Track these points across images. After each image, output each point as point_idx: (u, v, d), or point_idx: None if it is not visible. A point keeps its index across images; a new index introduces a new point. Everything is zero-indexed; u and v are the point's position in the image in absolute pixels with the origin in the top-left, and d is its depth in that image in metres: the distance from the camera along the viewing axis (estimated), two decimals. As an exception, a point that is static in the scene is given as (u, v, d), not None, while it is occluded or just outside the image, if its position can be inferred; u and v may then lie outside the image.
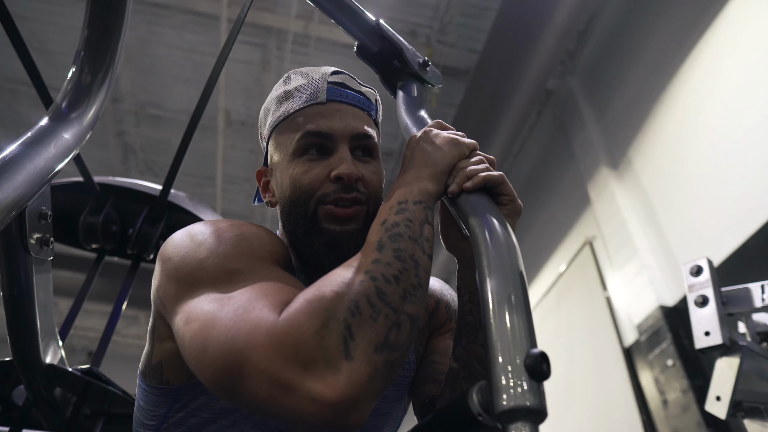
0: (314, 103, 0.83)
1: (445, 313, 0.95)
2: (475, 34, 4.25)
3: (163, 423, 0.77)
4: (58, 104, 0.83)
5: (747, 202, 2.67)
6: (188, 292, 0.63)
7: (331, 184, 0.78)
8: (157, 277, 0.70)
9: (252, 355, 0.50)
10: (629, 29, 3.90)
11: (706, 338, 1.30)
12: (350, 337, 0.50)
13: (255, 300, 0.56)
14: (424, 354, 0.91)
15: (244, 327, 0.52)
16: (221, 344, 0.52)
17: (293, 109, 0.84)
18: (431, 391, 0.83)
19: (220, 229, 0.71)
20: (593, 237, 3.91)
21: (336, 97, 0.84)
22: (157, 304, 0.70)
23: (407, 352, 0.55)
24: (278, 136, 0.85)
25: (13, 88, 4.71)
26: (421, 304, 0.59)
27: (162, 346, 0.75)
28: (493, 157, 0.75)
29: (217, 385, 0.53)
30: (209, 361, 0.53)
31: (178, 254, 0.69)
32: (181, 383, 0.74)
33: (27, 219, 0.84)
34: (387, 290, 0.55)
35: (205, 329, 0.56)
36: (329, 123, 0.81)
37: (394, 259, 0.58)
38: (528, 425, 0.44)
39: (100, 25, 0.86)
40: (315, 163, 0.80)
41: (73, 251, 2.21)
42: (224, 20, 4.09)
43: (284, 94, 0.87)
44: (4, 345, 1.08)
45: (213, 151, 5.24)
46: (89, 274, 1.70)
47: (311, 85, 0.85)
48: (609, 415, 3.36)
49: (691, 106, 3.19)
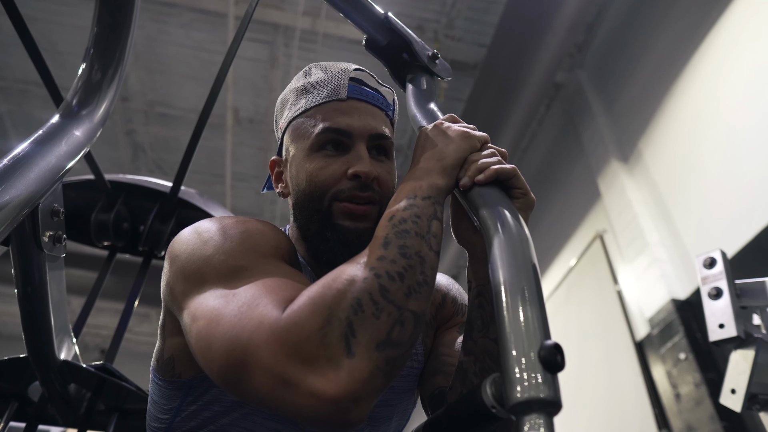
0: (334, 99, 0.83)
1: (452, 307, 0.96)
2: (482, 28, 4.22)
3: (176, 416, 0.77)
4: (68, 102, 0.84)
5: (759, 194, 2.64)
6: (195, 288, 0.64)
7: (347, 181, 0.79)
8: (166, 275, 0.72)
9: (255, 351, 0.51)
10: (638, 21, 3.87)
11: (721, 331, 1.29)
12: (352, 334, 0.51)
13: (259, 296, 0.57)
14: (432, 347, 0.92)
15: (249, 323, 0.54)
16: (226, 340, 0.54)
17: (313, 103, 0.84)
18: (440, 382, 0.83)
19: (226, 226, 0.73)
20: (604, 231, 3.88)
21: (356, 95, 0.84)
22: (167, 300, 0.72)
23: (411, 348, 0.56)
24: (296, 128, 0.86)
25: (24, 88, 4.75)
26: (426, 301, 0.59)
27: (173, 341, 0.76)
28: (504, 150, 0.75)
29: (223, 379, 0.55)
30: (215, 356, 0.55)
31: (185, 252, 0.70)
32: (192, 376, 0.75)
33: (40, 216, 0.84)
34: (391, 288, 0.55)
35: (211, 326, 0.57)
36: (348, 120, 0.81)
37: (399, 256, 0.59)
38: (542, 417, 0.44)
39: (110, 21, 0.86)
40: (332, 159, 0.80)
41: (85, 249, 2.23)
42: (232, 18, 4.09)
43: (304, 87, 0.87)
44: (18, 342, 1.09)
45: (222, 149, 5.26)
46: (101, 272, 1.71)
47: (332, 80, 0.85)
48: (621, 409, 3.35)
49: (702, 98, 3.16)
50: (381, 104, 0.87)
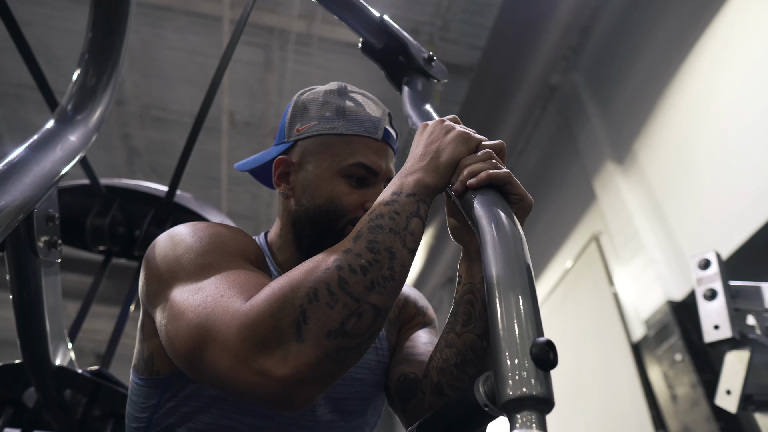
0: (371, 137, 0.88)
1: (414, 309, 1.01)
2: (477, 30, 4.24)
3: (154, 414, 0.79)
4: (63, 107, 0.84)
5: (753, 196, 2.65)
6: (167, 286, 0.68)
7: (362, 211, 0.84)
8: (142, 277, 0.76)
9: (217, 335, 0.56)
10: (633, 23, 3.88)
11: (716, 332, 1.29)
12: (303, 321, 0.55)
13: (224, 289, 0.61)
14: (396, 343, 0.96)
15: (212, 312, 0.58)
16: (192, 327, 0.58)
17: (351, 131, 0.88)
18: (405, 369, 0.87)
19: (197, 229, 0.77)
20: (599, 232, 3.89)
21: (386, 138, 0.90)
22: (143, 301, 0.75)
23: (370, 340, 0.59)
24: (326, 145, 0.88)
25: (19, 93, 4.74)
26: (391, 296, 0.61)
27: (151, 342, 0.79)
28: (501, 142, 0.75)
29: (185, 361, 0.59)
30: (180, 343, 0.59)
31: (159, 254, 0.74)
32: (170, 373, 0.77)
33: (35, 222, 0.84)
34: (350, 280, 0.58)
35: (178, 316, 0.62)
36: (378, 162, 0.87)
37: (366, 251, 0.61)
38: (534, 414, 0.44)
39: (104, 26, 0.86)
40: (355, 189, 0.86)
41: (81, 254, 2.22)
42: (227, 22, 4.09)
43: (343, 109, 0.90)
44: (13, 347, 1.08)
45: (217, 153, 5.25)
46: (97, 276, 1.70)
47: (373, 118, 0.90)
48: (618, 411, 3.35)
49: (696, 100, 3.17)
50: (394, 145, 0.93)
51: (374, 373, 0.90)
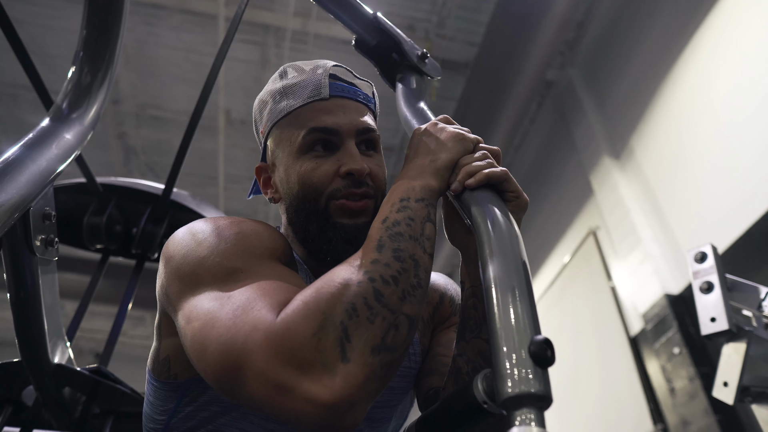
0: (317, 99, 0.83)
1: (449, 307, 0.96)
2: (473, 27, 4.23)
3: (172, 417, 0.77)
4: (58, 105, 0.84)
5: (750, 189, 2.66)
6: (190, 290, 0.64)
7: (340, 180, 0.79)
8: (161, 276, 0.72)
9: (250, 356, 0.51)
10: (628, 18, 3.89)
11: (712, 324, 1.29)
12: (347, 339, 0.51)
13: (254, 299, 0.57)
14: (429, 346, 0.92)
15: (243, 327, 0.54)
16: (221, 344, 0.54)
17: (295, 105, 0.84)
18: (435, 383, 0.84)
19: (221, 227, 0.72)
20: (597, 227, 3.90)
21: (338, 93, 0.84)
22: (162, 301, 0.72)
23: (406, 351, 0.56)
24: (280, 132, 0.85)
25: (13, 92, 4.72)
26: (420, 304, 0.59)
27: (168, 342, 0.76)
28: (497, 148, 0.75)
29: (218, 384, 0.55)
30: (209, 360, 0.55)
31: (179, 252, 0.70)
32: (188, 378, 0.75)
33: (31, 220, 0.84)
34: (385, 291, 0.55)
35: (206, 329, 0.57)
36: (334, 119, 0.81)
37: (393, 260, 0.59)
38: (533, 411, 0.44)
39: (99, 24, 0.86)
40: (322, 160, 0.81)
41: (78, 253, 2.22)
42: (222, 19, 4.08)
43: (283, 89, 0.86)
44: (12, 346, 1.09)
45: (214, 151, 5.24)
46: (94, 275, 1.70)
47: (312, 80, 0.84)
48: (616, 404, 3.37)
49: (692, 94, 3.18)
50: (363, 99, 0.87)
51: (404, 379, 0.87)
